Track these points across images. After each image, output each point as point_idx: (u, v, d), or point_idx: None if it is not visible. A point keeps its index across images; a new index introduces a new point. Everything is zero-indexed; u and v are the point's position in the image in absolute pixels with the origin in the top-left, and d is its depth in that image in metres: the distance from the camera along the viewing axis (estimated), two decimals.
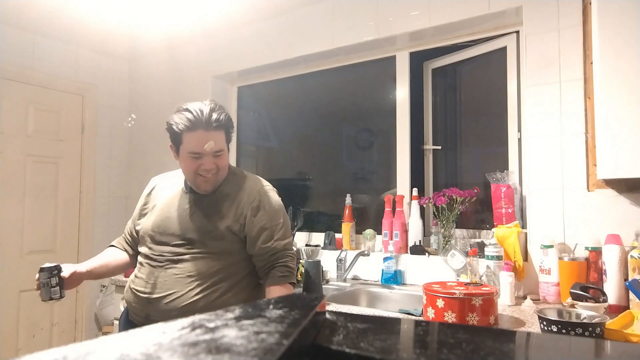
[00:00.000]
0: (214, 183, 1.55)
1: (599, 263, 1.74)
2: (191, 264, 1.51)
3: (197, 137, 1.47)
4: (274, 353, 0.27)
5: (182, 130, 1.47)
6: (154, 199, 1.67)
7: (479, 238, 2.25)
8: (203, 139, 1.47)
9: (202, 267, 1.51)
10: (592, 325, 1.28)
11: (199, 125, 1.46)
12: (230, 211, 1.55)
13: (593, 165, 1.83)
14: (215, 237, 1.52)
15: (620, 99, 1.58)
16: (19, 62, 3.07)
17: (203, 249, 1.52)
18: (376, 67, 2.77)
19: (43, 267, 1.48)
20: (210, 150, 1.48)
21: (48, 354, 0.27)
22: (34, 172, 3.14)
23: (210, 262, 1.52)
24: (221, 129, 1.51)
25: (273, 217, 1.58)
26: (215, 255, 1.52)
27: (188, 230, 1.53)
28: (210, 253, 1.52)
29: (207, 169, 1.50)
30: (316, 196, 3.12)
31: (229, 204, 1.56)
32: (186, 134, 1.47)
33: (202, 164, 1.49)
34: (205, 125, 1.46)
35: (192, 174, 1.52)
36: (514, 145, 2.24)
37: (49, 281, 1.47)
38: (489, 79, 2.45)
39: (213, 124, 1.47)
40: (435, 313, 1.51)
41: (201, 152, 1.48)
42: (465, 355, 0.33)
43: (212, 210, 1.56)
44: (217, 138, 1.50)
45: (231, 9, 2.81)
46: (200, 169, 1.50)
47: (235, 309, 0.39)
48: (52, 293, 1.48)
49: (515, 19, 2.19)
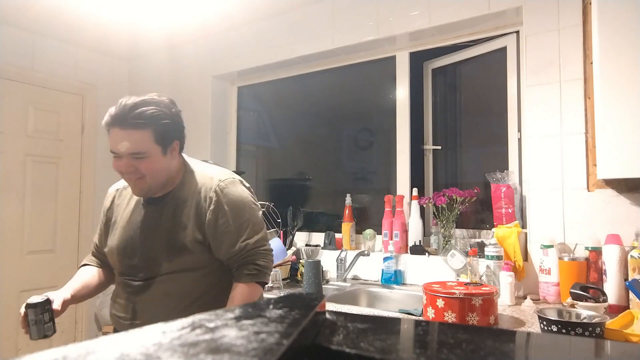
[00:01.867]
0: (144, 189, 1.36)
1: (599, 263, 1.74)
2: (166, 285, 1.37)
3: (113, 135, 1.30)
4: (274, 353, 0.27)
5: (107, 125, 1.31)
6: (115, 213, 1.50)
7: (479, 238, 2.25)
8: (118, 137, 1.29)
9: (179, 286, 1.37)
10: (592, 325, 1.28)
11: (115, 122, 1.28)
12: (190, 219, 1.38)
13: (593, 165, 1.83)
14: (183, 253, 1.36)
15: (620, 99, 1.58)
16: (19, 62, 3.07)
17: (175, 268, 1.37)
18: (376, 67, 2.77)
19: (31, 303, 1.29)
20: (125, 150, 1.28)
21: (48, 354, 0.27)
22: (34, 172, 3.14)
23: (187, 278, 1.38)
24: (144, 128, 1.28)
25: (235, 217, 1.39)
26: (189, 272, 1.38)
27: (154, 250, 1.38)
28: (184, 270, 1.37)
29: (122, 172, 1.33)
30: (316, 196, 3.12)
31: (188, 211, 1.39)
32: (109, 130, 1.31)
33: (120, 166, 1.32)
34: (121, 122, 1.27)
35: (121, 176, 1.38)
36: (514, 145, 2.24)
37: (42, 317, 1.29)
38: (489, 79, 2.45)
39: (130, 121, 1.27)
40: (435, 313, 1.51)
41: (116, 151, 1.31)
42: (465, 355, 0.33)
43: (173, 221, 1.39)
44: (137, 137, 1.28)
45: (231, 9, 2.81)
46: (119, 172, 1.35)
47: (235, 309, 0.39)
48: (46, 330, 1.30)
49: (515, 19, 2.19)
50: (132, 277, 1.40)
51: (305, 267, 2.10)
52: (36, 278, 3.10)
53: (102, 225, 1.54)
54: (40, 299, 1.31)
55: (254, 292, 1.40)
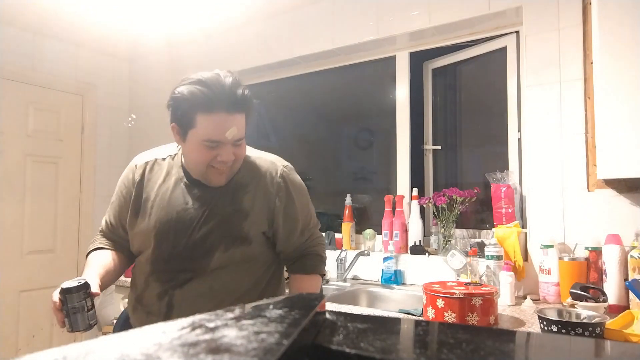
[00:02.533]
0: (228, 176, 1.24)
1: (599, 263, 1.74)
2: (215, 277, 1.22)
3: (216, 121, 1.13)
4: (274, 353, 0.27)
5: (196, 109, 1.13)
6: (147, 190, 1.30)
7: (479, 238, 2.25)
8: (224, 123, 1.13)
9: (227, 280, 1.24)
10: (592, 325, 1.28)
11: (219, 106, 1.12)
12: (254, 207, 1.25)
13: (593, 165, 1.83)
14: (241, 242, 1.23)
15: (620, 99, 1.58)
16: (19, 62, 3.07)
17: (229, 259, 1.23)
18: (376, 67, 2.77)
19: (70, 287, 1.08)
20: (232, 138, 1.15)
21: (48, 354, 0.27)
22: (34, 172, 3.14)
23: (236, 272, 1.25)
24: (244, 110, 1.17)
25: (302, 204, 1.31)
26: (242, 264, 1.25)
27: (205, 236, 1.22)
28: (237, 262, 1.24)
29: (225, 161, 1.18)
30: (316, 196, 3.11)
31: (251, 198, 1.25)
32: (201, 115, 1.13)
33: (219, 155, 1.17)
34: (228, 106, 1.13)
35: (204, 166, 1.20)
36: (514, 145, 2.24)
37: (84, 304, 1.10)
38: (489, 79, 2.45)
39: (237, 104, 1.14)
40: (435, 313, 1.51)
41: (221, 140, 1.15)
42: (465, 355, 0.33)
43: (231, 207, 1.24)
44: (240, 122, 1.16)
45: (231, 10, 2.81)
46: (216, 161, 1.18)
47: (235, 309, 0.39)
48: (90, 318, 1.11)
49: (515, 19, 2.19)
50: (171, 267, 1.23)
51: None
52: (36, 278, 3.10)
53: (126, 201, 1.33)
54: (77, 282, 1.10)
55: (318, 283, 1.36)
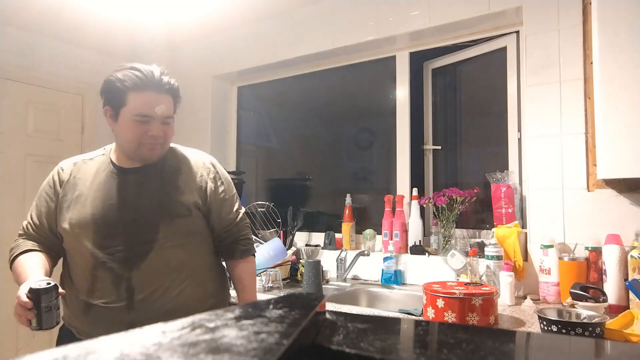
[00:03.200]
0: (159, 154, 1.37)
1: (599, 263, 1.74)
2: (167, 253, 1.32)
3: (146, 98, 1.29)
4: (274, 353, 0.27)
5: (129, 88, 1.28)
6: (77, 187, 1.37)
7: (479, 238, 2.25)
8: (154, 100, 1.30)
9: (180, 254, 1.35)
10: (592, 325, 1.28)
11: (150, 86, 1.29)
12: (189, 184, 1.40)
13: (593, 165, 1.84)
14: (181, 214, 1.35)
15: (620, 99, 1.58)
16: (19, 62, 3.07)
17: (172, 230, 1.33)
18: (376, 67, 2.77)
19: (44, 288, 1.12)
20: (161, 114, 1.31)
21: (48, 354, 0.27)
22: (34, 172, 3.14)
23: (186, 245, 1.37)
24: (171, 94, 1.35)
25: (229, 188, 1.50)
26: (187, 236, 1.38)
27: (147, 214, 1.33)
28: (182, 233, 1.36)
29: (155, 135, 1.31)
30: (316, 196, 3.12)
31: (185, 177, 1.41)
32: (133, 93, 1.28)
33: (150, 130, 1.31)
34: (157, 87, 1.30)
35: (136, 142, 1.32)
36: (514, 145, 2.24)
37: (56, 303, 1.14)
38: (489, 79, 2.45)
39: (165, 86, 1.32)
40: (435, 313, 1.51)
41: (151, 114, 1.30)
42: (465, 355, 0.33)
43: (167, 186, 1.38)
44: (168, 103, 1.34)
45: (231, 9, 2.81)
46: (147, 136, 1.31)
47: (235, 309, 0.39)
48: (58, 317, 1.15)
49: (515, 19, 2.19)
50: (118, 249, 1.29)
51: (305, 267, 2.10)
52: None
53: (52, 201, 1.39)
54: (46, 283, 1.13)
55: (253, 264, 1.53)
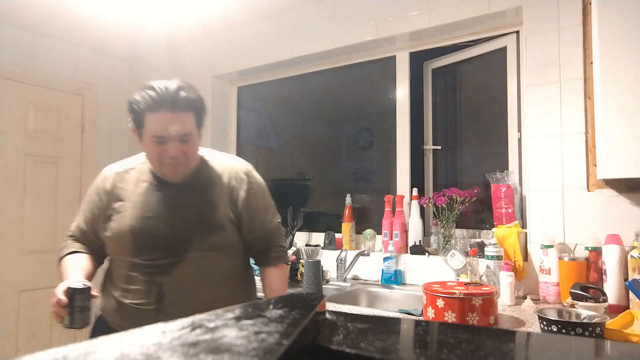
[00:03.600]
0: (183, 172, 1.38)
1: (599, 263, 1.74)
2: (198, 263, 1.36)
3: (160, 118, 1.29)
4: (274, 353, 0.27)
5: (144, 109, 1.29)
6: (119, 197, 1.42)
7: (479, 238, 2.25)
8: (167, 120, 1.29)
9: (211, 264, 1.38)
10: (592, 325, 1.28)
11: (163, 105, 1.28)
12: (222, 198, 1.41)
13: (593, 165, 1.83)
14: (216, 230, 1.38)
15: (620, 99, 1.58)
16: (19, 62, 3.07)
17: (207, 245, 1.37)
18: (376, 67, 2.77)
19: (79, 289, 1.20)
20: (175, 133, 1.29)
21: (48, 354, 0.27)
22: (34, 172, 3.14)
23: (217, 257, 1.40)
24: (189, 111, 1.32)
25: (263, 198, 1.50)
26: (220, 250, 1.40)
27: (183, 228, 1.37)
28: (215, 248, 1.39)
29: (172, 156, 1.32)
30: (316, 196, 3.12)
31: (219, 190, 1.42)
32: (149, 114, 1.29)
33: (167, 150, 1.31)
34: (171, 105, 1.29)
35: (158, 162, 1.35)
36: (514, 145, 2.24)
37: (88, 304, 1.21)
38: (489, 79, 2.45)
39: (180, 104, 1.30)
40: (435, 313, 1.51)
41: (165, 135, 1.29)
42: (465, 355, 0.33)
43: (201, 200, 1.40)
44: (185, 120, 1.31)
45: (231, 9, 2.81)
46: (165, 157, 1.32)
47: (235, 309, 0.39)
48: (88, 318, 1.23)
49: (515, 19, 2.19)
50: (153, 257, 1.35)
51: (305, 267, 2.10)
52: (36, 278, 3.10)
53: (97, 208, 1.44)
54: (82, 284, 1.21)
55: (285, 272, 1.55)
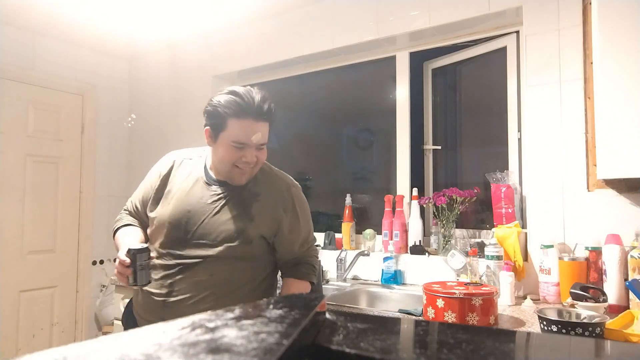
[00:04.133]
0: (249, 176, 1.43)
1: (599, 263, 1.74)
2: (214, 267, 1.38)
3: (245, 126, 1.33)
4: (274, 353, 0.27)
5: (229, 114, 1.32)
6: (171, 183, 1.48)
7: (479, 238, 2.25)
8: (251, 128, 1.33)
9: (226, 272, 1.40)
10: (592, 325, 1.28)
11: (249, 113, 1.32)
12: (262, 214, 1.43)
13: (593, 165, 1.83)
14: (244, 242, 1.40)
15: (620, 99, 1.58)
16: (19, 62, 3.07)
17: (227, 253, 1.38)
18: (376, 67, 2.77)
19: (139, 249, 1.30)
20: (256, 142, 1.35)
21: (48, 354, 0.27)
22: (34, 172, 3.14)
23: (233, 266, 1.41)
24: (268, 121, 1.38)
25: (305, 220, 1.51)
26: (238, 260, 1.41)
27: (212, 231, 1.39)
28: (236, 258, 1.40)
29: (249, 162, 1.37)
30: (316, 196, 3.12)
31: (260, 206, 1.44)
32: (233, 120, 1.33)
33: (244, 156, 1.36)
34: (256, 114, 1.33)
35: (229, 165, 1.39)
36: (514, 145, 2.24)
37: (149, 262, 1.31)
38: (489, 79, 2.45)
39: (264, 114, 1.34)
40: (435, 313, 1.51)
41: (247, 142, 1.34)
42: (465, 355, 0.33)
43: (241, 210, 1.42)
44: (264, 130, 1.37)
45: (231, 9, 2.81)
46: (241, 161, 1.37)
47: (235, 309, 0.39)
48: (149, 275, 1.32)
49: (515, 19, 2.19)
50: (178, 253, 1.39)
51: None
52: (36, 278, 3.10)
53: (152, 189, 1.50)
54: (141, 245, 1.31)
55: (307, 288, 1.51)
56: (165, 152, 1.63)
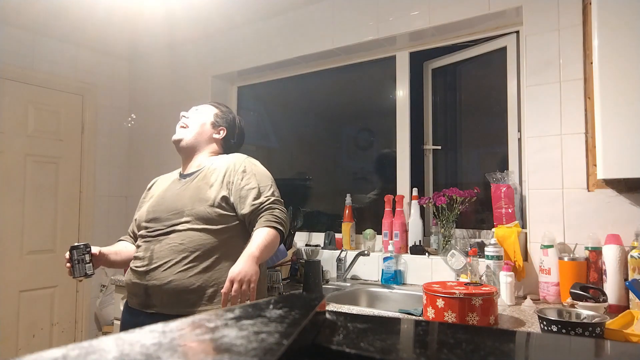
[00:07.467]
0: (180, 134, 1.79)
1: (599, 263, 1.74)
2: (184, 234, 1.57)
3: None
4: (274, 353, 0.27)
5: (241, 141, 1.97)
6: (152, 192, 1.81)
7: (479, 238, 2.25)
8: None
9: (194, 237, 1.56)
10: (592, 325, 1.28)
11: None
12: (218, 179, 1.64)
13: (593, 165, 1.83)
14: (205, 204, 1.58)
15: (620, 99, 1.58)
16: (19, 62, 3.07)
17: (194, 217, 1.57)
18: (376, 67, 2.77)
19: (74, 245, 1.54)
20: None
21: (48, 354, 0.27)
22: (34, 172, 3.14)
23: (204, 233, 1.57)
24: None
25: (261, 180, 1.66)
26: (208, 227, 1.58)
27: (178, 202, 1.62)
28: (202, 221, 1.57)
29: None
30: (316, 196, 3.12)
31: (217, 174, 1.66)
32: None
33: None
34: None
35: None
36: (514, 145, 2.24)
37: (84, 257, 1.54)
38: (489, 79, 2.45)
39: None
40: (435, 313, 1.51)
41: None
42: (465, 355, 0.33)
43: (202, 182, 1.66)
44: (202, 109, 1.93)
45: (231, 9, 2.81)
46: None
47: (235, 309, 0.39)
48: (87, 269, 1.54)
49: (515, 19, 2.19)
50: (153, 228, 1.63)
51: (305, 267, 2.10)
52: (36, 278, 3.10)
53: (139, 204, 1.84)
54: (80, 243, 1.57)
55: (273, 236, 1.56)
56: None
